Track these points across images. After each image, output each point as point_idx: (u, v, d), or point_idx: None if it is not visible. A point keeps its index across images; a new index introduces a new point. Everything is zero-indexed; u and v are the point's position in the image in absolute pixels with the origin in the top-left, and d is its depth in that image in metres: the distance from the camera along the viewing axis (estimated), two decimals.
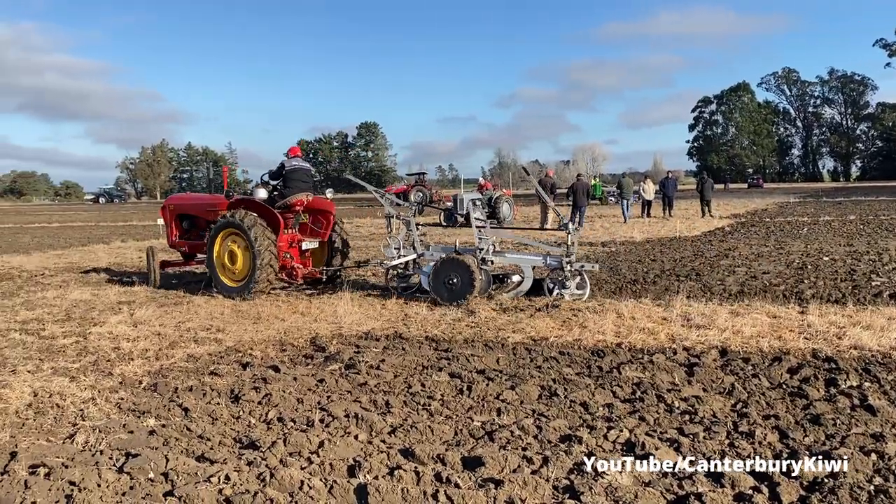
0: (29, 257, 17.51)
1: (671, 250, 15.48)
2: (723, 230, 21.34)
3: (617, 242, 17.64)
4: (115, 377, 6.12)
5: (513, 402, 5.15)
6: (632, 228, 22.01)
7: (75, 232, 28.33)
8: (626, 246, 16.78)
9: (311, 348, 7.11)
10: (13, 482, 3.89)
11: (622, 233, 20.53)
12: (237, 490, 3.71)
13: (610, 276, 11.50)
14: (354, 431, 4.61)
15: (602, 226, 24.13)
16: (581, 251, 15.75)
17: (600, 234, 20.30)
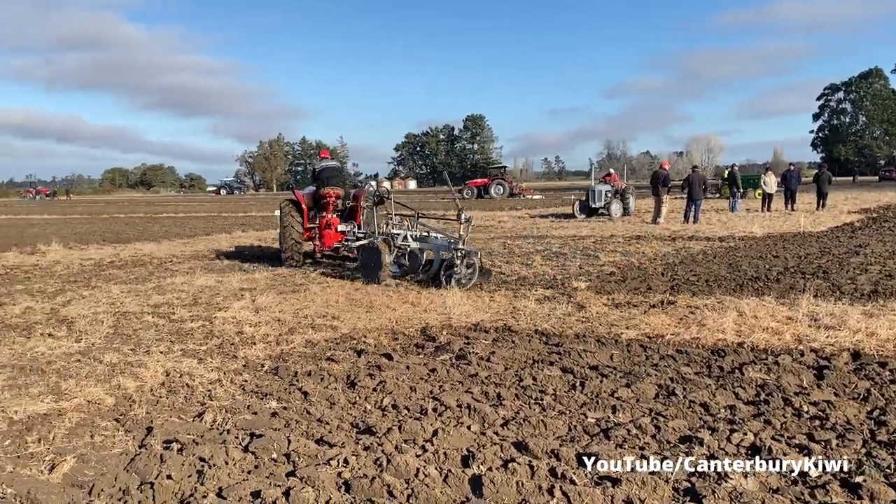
0: (159, 245, 18.68)
1: (795, 246, 14.65)
2: (851, 225, 19.98)
3: (736, 237, 16.87)
4: (239, 360, 6.43)
5: (628, 399, 5.02)
6: (752, 223, 21.00)
7: (199, 222, 29.97)
8: (746, 241, 16.02)
9: (422, 338, 7.20)
10: (150, 456, 4.15)
11: (741, 227, 19.61)
12: (355, 474, 3.81)
13: (729, 273, 11.01)
14: (467, 422, 4.63)
15: (719, 220, 23.15)
16: (696, 246, 15.19)
17: (717, 229, 19.48)
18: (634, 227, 21.27)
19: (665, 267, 12.02)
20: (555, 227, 21.63)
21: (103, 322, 8.16)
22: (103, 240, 20.67)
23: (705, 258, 13.15)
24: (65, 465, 4.10)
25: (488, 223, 24.05)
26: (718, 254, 13.81)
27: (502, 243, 16.67)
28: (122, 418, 4.93)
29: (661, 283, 10.28)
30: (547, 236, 18.38)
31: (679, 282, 10.32)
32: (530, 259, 13.35)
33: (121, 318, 8.45)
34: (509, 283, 10.46)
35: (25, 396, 5.42)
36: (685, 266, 12.08)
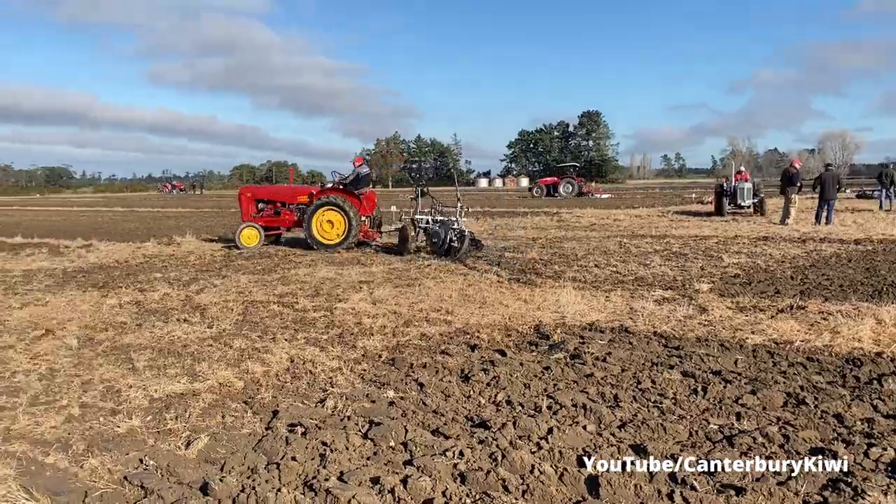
0: None
1: None
2: None
3: (874, 240, 15.71)
4: (358, 350, 6.64)
5: (754, 407, 4.79)
6: (892, 225, 19.49)
7: None
8: (886, 244, 14.89)
9: (536, 336, 7.17)
10: (276, 437, 4.37)
11: (880, 230, 18.23)
12: (471, 466, 3.85)
13: (866, 278, 10.28)
14: (583, 422, 4.57)
15: (855, 221, 21.63)
16: (829, 249, 14.27)
17: (853, 231, 18.21)
18: (761, 227, 20.23)
19: (794, 270, 11.37)
20: (675, 227, 20.92)
21: (233, 309, 8.64)
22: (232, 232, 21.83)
23: (839, 262, 12.34)
24: (199, 442, 4.38)
25: (604, 222, 23.58)
26: (854, 257, 12.92)
27: (618, 242, 16.31)
28: (251, 401, 5.21)
29: (790, 286, 9.73)
30: (666, 236, 17.81)
31: (810, 286, 9.74)
32: (648, 259, 12.98)
33: (249, 306, 8.92)
34: (626, 283, 10.22)
35: (164, 377, 5.83)
36: (816, 269, 11.38)
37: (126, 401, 5.23)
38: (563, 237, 18.18)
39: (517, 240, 17.61)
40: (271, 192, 18.39)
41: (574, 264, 12.43)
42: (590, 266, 12.19)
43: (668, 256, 13.41)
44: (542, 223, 23.60)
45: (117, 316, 8.44)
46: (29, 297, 10.01)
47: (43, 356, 6.58)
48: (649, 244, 15.76)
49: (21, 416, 4.89)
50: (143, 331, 7.59)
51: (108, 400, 5.28)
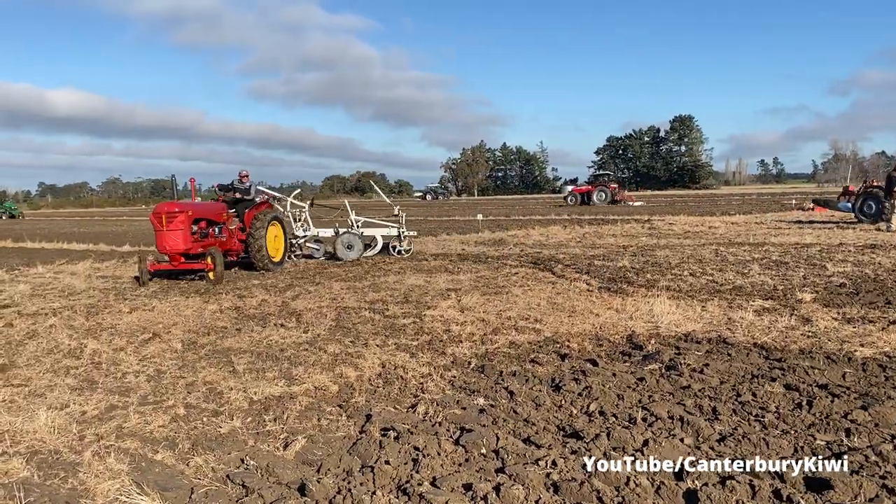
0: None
1: None
2: None
3: None
4: (447, 356, 6.68)
5: (865, 423, 4.53)
6: None
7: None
8: None
9: (628, 346, 7.01)
10: (370, 441, 4.44)
11: None
12: (563, 476, 3.80)
13: None
14: (679, 434, 4.44)
15: None
16: None
17: None
18: (867, 234, 19.15)
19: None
20: (773, 234, 20.07)
21: (326, 315, 8.87)
22: None
23: None
24: (297, 444, 4.52)
25: (698, 229, 22.86)
26: None
27: (714, 250, 15.77)
28: (345, 405, 5.33)
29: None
30: (765, 244, 17.10)
31: None
32: (746, 268, 12.49)
33: (341, 312, 9.14)
34: (723, 293, 9.87)
35: (262, 380, 6.04)
36: None
37: (227, 402, 5.45)
38: (656, 245, 17.74)
39: (607, 248, 17.31)
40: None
41: (667, 273, 12.10)
42: (684, 275, 11.84)
43: (767, 265, 12.86)
44: (633, 230, 23.11)
45: (218, 321, 8.82)
46: (137, 302, 10.60)
47: (150, 358, 6.95)
48: (747, 252, 15.17)
49: (132, 415, 5.17)
50: (243, 335, 7.89)
51: (210, 401, 5.52)
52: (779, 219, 27.23)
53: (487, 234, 22.96)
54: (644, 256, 15.00)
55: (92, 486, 3.94)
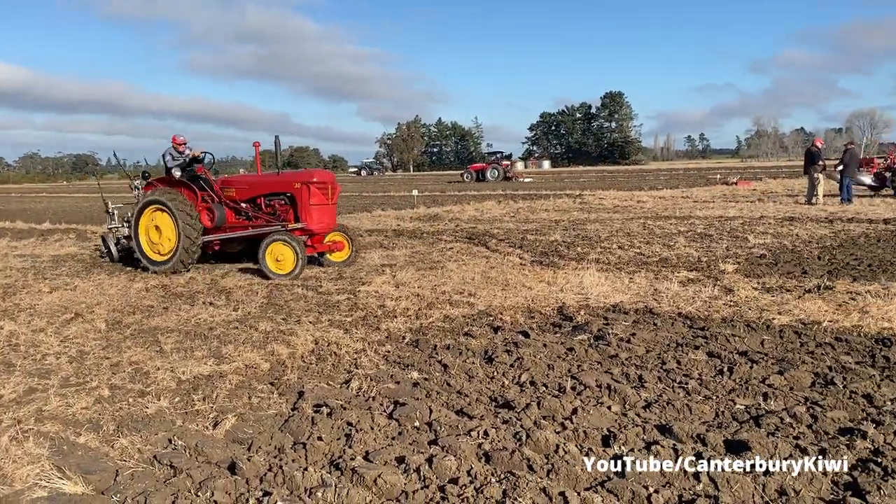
0: None
1: None
2: None
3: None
4: (381, 332, 6.67)
5: (781, 387, 4.75)
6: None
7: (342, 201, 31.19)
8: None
9: (559, 317, 7.14)
10: (302, 418, 4.40)
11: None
12: (495, 446, 3.85)
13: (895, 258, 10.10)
14: (607, 402, 4.56)
15: (884, 200, 21.26)
16: (857, 229, 14.05)
17: (881, 211, 17.90)
18: (787, 207, 19.96)
19: (822, 250, 11.20)
20: (699, 208, 20.71)
21: (258, 292, 8.72)
22: None
23: (868, 241, 12.14)
24: (226, 422, 4.44)
25: (627, 203, 23.39)
26: (883, 237, 12.70)
27: (642, 224, 16.18)
28: (277, 382, 5.26)
29: (817, 266, 9.60)
30: (690, 217, 17.63)
31: (838, 266, 9.59)
32: (672, 240, 12.87)
33: (273, 289, 8.99)
34: (650, 265, 10.14)
35: (191, 359, 5.90)
36: (844, 249, 11.21)
37: (154, 382, 5.31)
38: (587, 219, 18.07)
39: (540, 222, 17.54)
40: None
41: (597, 246, 12.36)
42: (613, 248, 12.11)
43: (692, 238, 13.28)
44: (565, 205, 23.47)
45: (144, 299, 8.56)
46: (58, 281, 10.18)
47: (73, 339, 6.70)
48: (673, 225, 15.62)
49: (53, 398, 4.98)
50: (170, 314, 7.69)
51: (136, 382, 5.36)
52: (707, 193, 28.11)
53: (423, 210, 22.93)
54: (575, 230, 15.27)
55: (10, 472, 3.79)
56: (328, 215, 10.60)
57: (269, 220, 10.61)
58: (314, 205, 10.36)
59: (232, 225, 11.01)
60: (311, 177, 10.64)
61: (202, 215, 10.78)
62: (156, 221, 10.79)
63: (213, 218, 10.76)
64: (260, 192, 10.91)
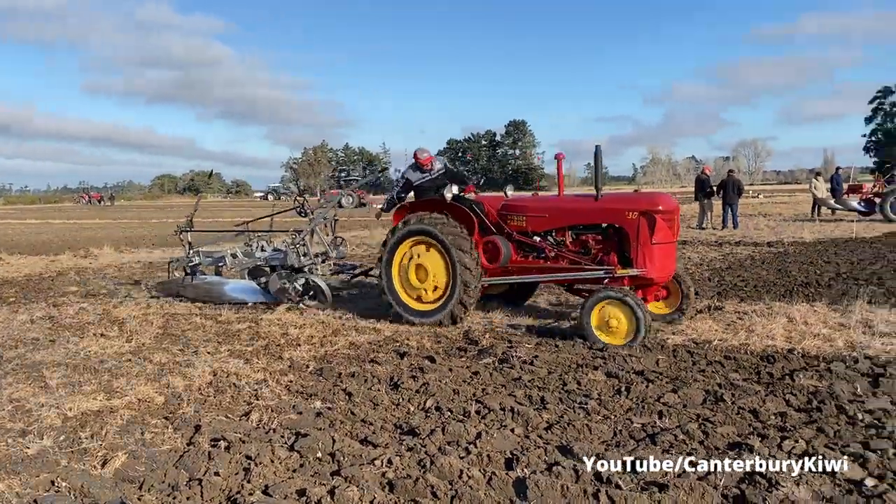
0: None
1: (847, 252, 14.24)
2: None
3: (785, 243, 16.48)
4: (284, 361, 6.51)
5: (675, 405, 4.93)
6: (801, 228, 20.50)
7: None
8: (796, 247, 15.64)
9: (465, 341, 7.19)
10: (198, 453, 4.22)
11: (790, 233, 19.16)
12: (399, 474, 3.81)
13: (779, 279, 10.76)
14: (510, 425, 4.61)
15: (767, 225, 22.65)
16: (744, 252, 14.89)
17: (766, 234, 19.07)
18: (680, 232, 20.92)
19: (711, 272, 11.80)
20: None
21: (153, 323, 8.35)
22: (153, 244, 21.16)
23: (753, 263, 12.88)
24: (116, 460, 4.20)
25: None
26: (767, 259, 13.51)
27: None
28: (172, 416, 5.03)
29: (707, 288, 10.10)
30: None
31: (726, 287, 10.13)
32: None
33: (169, 319, 8.64)
34: (552, 288, 10.37)
35: (79, 394, 5.57)
36: (732, 271, 11.85)
37: (37, 420, 4.97)
38: None
39: None
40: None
41: None
42: None
43: None
44: None
45: (29, 332, 8.03)
46: None
47: None
48: None
49: None
50: (57, 347, 7.24)
51: (17, 420, 5.00)
52: None
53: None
54: None
55: None
56: (671, 258, 7.68)
57: (576, 261, 7.73)
58: (658, 243, 7.25)
59: (521, 266, 8.03)
60: (653, 204, 7.45)
61: (479, 251, 8.01)
62: (419, 259, 8.08)
63: (498, 255, 7.89)
64: (566, 223, 7.87)
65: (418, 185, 8.88)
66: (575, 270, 7.68)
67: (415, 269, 8.05)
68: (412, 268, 8.07)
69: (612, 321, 6.81)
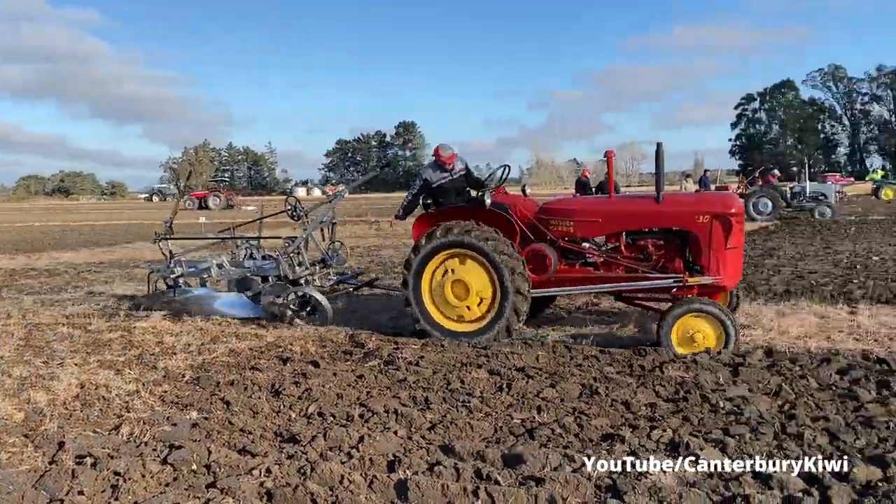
0: (77, 254, 17.97)
1: None
2: (766, 229, 20.90)
3: None
4: (158, 371, 6.22)
5: (553, 399, 5.09)
6: None
7: (120, 230, 28.93)
8: None
9: (350, 344, 7.13)
10: (61, 472, 3.96)
11: None
12: (278, 483, 3.73)
13: None
14: (394, 427, 4.60)
15: None
16: None
17: None
18: None
19: None
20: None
21: (13, 334, 7.77)
22: (16, 249, 19.73)
23: None
24: None
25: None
26: None
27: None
28: (32, 434, 4.69)
29: None
30: None
31: None
32: None
33: (33, 329, 8.07)
34: None
35: None
36: None
37: None
38: (381, 245, 18.33)
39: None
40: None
41: (391, 271, 12.54)
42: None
43: None
44: (361, 231, 23.65)
45: None
46: None
47: None
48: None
49: None
50: None
51: None
52: None
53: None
54: (370, 256, 15.42)
55: None
56: (741, 263, 7.41)
57: (632, 269, 7.11)
58: (731, 248, 6.85)
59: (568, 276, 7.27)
60: (727, 206, 6.86)
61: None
62: (456, 274, 7.14)
63: (546, 265, 7.15)
64: (624, 227, 7.20)
65: (438, 186, 7.93)
66: (634, 279, 7.05)
67: (451, 285, 7.14)
68: (448, 284, 7.14)
69: (697, 335, 6.35)
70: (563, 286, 7.29)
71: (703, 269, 6.75)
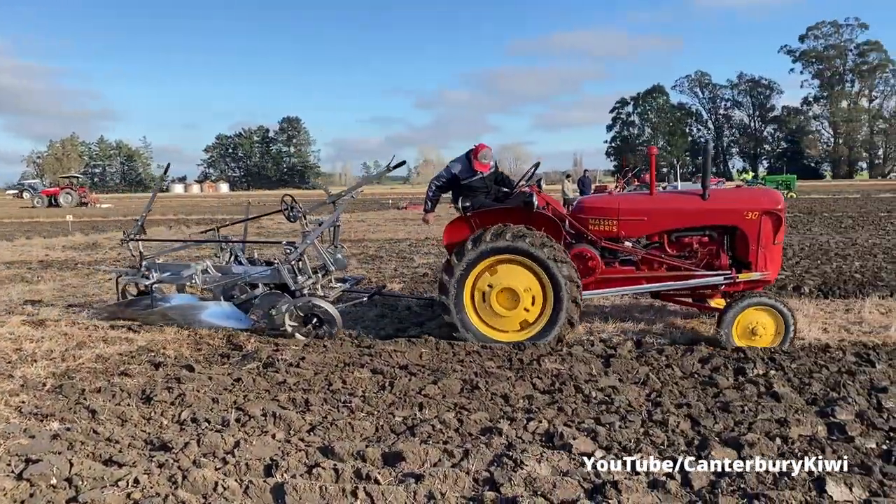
0: None
1: None
2: None
3: None
4: (16, 379, 5.78)
5: (435, 396, 5.13)
6: None
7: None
8: None
9: (228, 346, 6.91)
10: None
11: None
12: (146, 493, 3.56)
13: None
14: (272, 430, 4.50)
15: None
16: None
17: None
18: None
19: None
20: (372, 231, 21.73)
21: None
22: None
23: None
24: None
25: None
26: None
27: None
28: None
29: None
30: (364, 239, 18.42)
31: None
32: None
33: None
34: None
35: None
36: None
37: None
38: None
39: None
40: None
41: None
42: None
43: (364, 259, 13.86)
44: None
45: None
46: None
47: None
48: (348, 248, 16.14)
49: None
50: None
51: None
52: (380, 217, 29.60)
53: (80, 238, 20.63)
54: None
55: None
56: (781, 258, 7.55)
57: (676, 267, 7.00)
58: (778, 244, 6.95)
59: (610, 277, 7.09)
60: (774, 202, 6.89)
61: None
62: (504, 282, 6.66)
63: (591, 267, 6.97)
64: (671, 226, 7.08)
65: (467, 183, 7.44)
66: (680, 278, 6.96)
67: (497, 294, 6.67)
68: (494, 294, 6.67)
69: (759, 328, 6.44)
70: (607, 287, 7.14)
71: (752, 265, 6.82)
